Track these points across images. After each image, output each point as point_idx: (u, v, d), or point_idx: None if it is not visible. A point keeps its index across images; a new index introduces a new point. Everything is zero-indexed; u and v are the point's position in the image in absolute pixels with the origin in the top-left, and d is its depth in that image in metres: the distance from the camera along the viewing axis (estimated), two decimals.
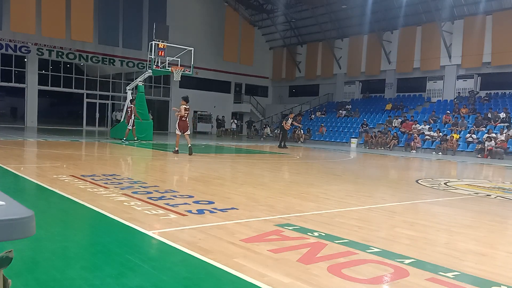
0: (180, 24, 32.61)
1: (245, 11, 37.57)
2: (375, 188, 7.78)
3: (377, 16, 29.84)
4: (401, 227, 4.42)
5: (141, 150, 14.41)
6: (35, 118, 29.20)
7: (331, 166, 12.37)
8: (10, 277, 1.53)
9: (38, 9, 27.18)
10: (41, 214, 4.20)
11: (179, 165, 10.39)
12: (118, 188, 5.93)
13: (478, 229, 4.63)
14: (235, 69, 37.76)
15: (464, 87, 27.18)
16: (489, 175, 11.94)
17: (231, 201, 5.37)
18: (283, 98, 39.87)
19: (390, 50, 30.48)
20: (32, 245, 3.18)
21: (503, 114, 22.46)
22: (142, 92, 19.69)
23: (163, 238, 3.58)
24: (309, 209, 5.20)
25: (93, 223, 4.26)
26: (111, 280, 2.58)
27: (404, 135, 24.41)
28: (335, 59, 34.08)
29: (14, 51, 27.87)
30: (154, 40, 19.23)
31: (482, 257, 3.48)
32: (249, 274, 2.77)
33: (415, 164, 14.61)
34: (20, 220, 1.06)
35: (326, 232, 3.98)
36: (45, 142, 15.01)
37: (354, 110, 30.76)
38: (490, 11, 25.55)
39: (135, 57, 31.86)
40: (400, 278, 2.85)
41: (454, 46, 27.06)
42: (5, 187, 5.71)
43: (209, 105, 36.00)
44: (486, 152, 19.74)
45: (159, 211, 4.57)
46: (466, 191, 7.65)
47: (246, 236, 3.70)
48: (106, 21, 30.45)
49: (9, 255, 1.33)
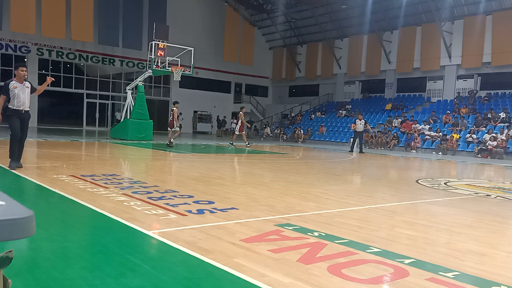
0: (180, 24, 32.62)
1: (245, 11, 37.58)
2: (375, 188, 7.78)
3: (377, 16, 29.85)
4: (401, 227, 4.42)
5: (141, 150, 14.41)
6: (35, 118, 29.15)
7: (331, 166, 12.37)
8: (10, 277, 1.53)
9: (38, 9, 27.19)
10: (41, 214, 4.20)
11: (179, 165, 10.39)
12: (118, 188, 5.93)
13: (478, 229, 4.62)
14: (235, 69, 37.77)
15: (464, 87, 27.19)
16: (489, 175, 11.94)
17: (231, 201, 5.37)
18: (283, 98, 39.87)
19: (390, 50, 30.48)
20: (32, 245, 3.18)
21: (503, 114, 22.46)
22: (142, 92, 19.69)
23: (163, 238, 3.57)
24: (309, 209, 5.20)
25: (93, 223, 4.26)
26: (111, 280, 2.58)
27: (404, 135, 24.42)
28: (335, 59, 34.09)
29: (14, 51, 27.88)
30: (154, 40, 19.24)
31: (482, 257, 3.48)
32: (249, 274, 2.77)
33: (415, 164, 14.61)
34: (20, 220, 1.06)
35: (326, 232, 3.98)
36: (45, 142, 15.01)
37: (354, 110, 30.75)
38: (490, 11, 25.56)
39: (135, 57, 31.87)
40: (400, 278, 2.85)
41: (454, 46, 27.06)
42: (5, 187, 5.71)
43: (209, 105, 36.01)
44: (487, 151, 19.74)
45: (159, 211, 4.57)
46: (466, 191, 7.65)
47: (246, 236, 3.70)
48: (106, 21, 30.45)
49: (9, 255, 1.33)
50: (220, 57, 36.36)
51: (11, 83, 7.31)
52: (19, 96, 7.30)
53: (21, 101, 7.34)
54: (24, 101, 7.39)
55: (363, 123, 19.03)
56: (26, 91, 7.43)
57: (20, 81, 7.37)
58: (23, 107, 7.39)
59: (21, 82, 7.37)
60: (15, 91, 7.26)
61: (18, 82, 7.35)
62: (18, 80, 7.36)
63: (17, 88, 7.27)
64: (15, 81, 7.35)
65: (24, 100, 7.38)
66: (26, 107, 7.45)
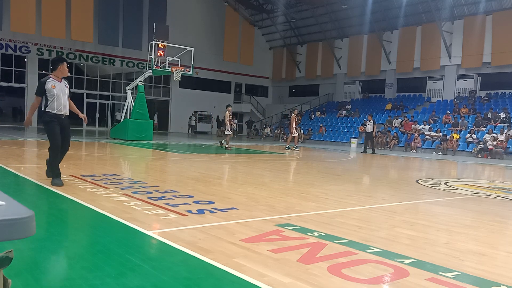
0: (180, 24, 32.62)
1: (245, 11, 37.58)
2: (375, 188, 7.78)
3: (377, 16, 29.85)
4: (401, 227, 4.42)
5: (141, 150, 14.41)
6: (35, 118, 29.17)
7: (331, 166, 12.37)
8: (10, 277, 1.53)
9: (38, 9, 27.19)
10: (41, 214, 4.20)
11: (179, 165, 10.39)
12: (118, 188, 5.93)
13: (478, 229, 4.62)
14: (235, 69, 37.77)
15: (464, 87, 27.19)
16: (489, 175, 11.94)
17: (231, 201, 5.37)
18: (283, 98, 39.87)
19: (390, 50, 30.48)
20: (32, 245, 3.18)
21: (503, 114, 22.46)
22: (142, 92, 19.70)
23: (163, 238, 3.58)
24: (309, 209, 5.20)
25: (93, 223, 4.26)
26: (111, 280, 2.58)
27: (404, 135, 24.42)
28: (335, 59, 34.09)
29: (14, 51, 27.88)
30: (154, 40, 19.24)
31: (482, 257, 3.48)
32: (249, 274, 2.77)
33: (415, 164, 14.61)
34: (20, 220, 1.06)
35: (326, 232, 3.98)
36: (45, 142, 14.99)
37: (354, 110, 30.76)
38: (490, 11, 25.56)
39: (135, 57, 31.88)
40: (400, 278, 2.85)
41: (454, 46, 27.06)
42: (5, 187, 5.71)
43: (209, 105, 36.01)
44: (487, 151, 19.75)
45: (159, 211, 4.57)
46: (466, 191, 7.65)
47: (246, 236, 3.70)
48: (106, 21, 30.46)
49: (9, 255, 1.33)
50: (220, 57, 36.36)
51: (48, 81, 5.91)
52: (59, 98, 5.94)
53: (62, 104, 5.98)
54: (65, 104, 6.05)
55: (372, 124, 19.04)
56: (66, 92, 6.09)
57: (59, 79, 6.02)
58: (64, 111, 6.03)
59: (59, 81, 6.02)
60: (54, 91, 5.88)
61: (56, 81, 5.98)
62: (57, 78, 6.01)
63: (56, 87, 5.90)
64: (53, 79, 5.96)
65: (65, 103, 6.04)
66: (67, 111, 6.10)
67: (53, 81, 5.93)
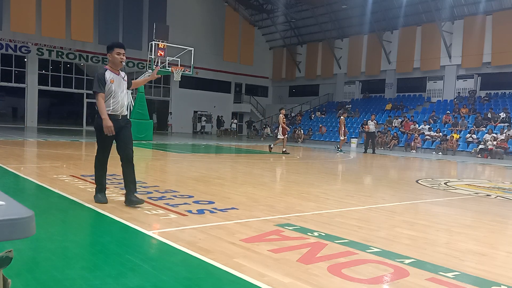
0: (180, 24, 32.63)
1: (245, 11, 37.58)
2: (375, 188, 7.78)
3: (377, 16, 29.85)
4: (401, 227, 4.42)
5: (141, 150, 14.41)
6: (35, 118, 29.21)
7: (331, 166, 12.37)
8: (10, 277, 1.53)
9: (38, 9, 27.20)
10: (41, 214, 4.20)
11: (179, 165, 10.39)
12: (118, 188, 5.93)
13: (478, 229, 4.62)
14: (235, 69, 37.77)
15: (464, 87, 27.19)
16: (489, 175, 11.94)
17: (231, 201, 5.37)
18: (283, 98, 39.87)
19: (390, 50, 30.48)
20: (32, 245, 3.18)
21: (503, 114, 22.45)
22: (142, 92, 19.71)
23: (163, 238, 3.58)
24: (309, 209, 5.20)
25: (93, 223, 4.26)
26: (111, 280, 2.58)
27: (404, 135, 24.41)
28: (335, 59, 34.09)
29: (14, 51, 27.88)
30: (154, 40, 19.25)
31: (482, 257, 3.48)
32: (249, 274, 2.77)
33: (415, 164, 14.61)
34: (20, 220, 1.06)
35: (326, 232, 3.98)
36: (45, 142, 15.01)
37: (354, 110, 30.75)
38: (490, 11, 25.56)
39: (135, 57, 31.85)
40: (400, 278, 2.85)
41: (454, 46, 27.06)
42: (5, 187, 5.70)
43: (209, 105, 36.02)
44: (487, 151, 19.74)
45: (159, 211, 4.57)
46: (466, 191, 7.65)
47: (246, 236, 3.70)
48: (106, 21, 30.46)
49: (9, 255, 1.33)
50: (220, 57, 36.36)
51: (107, 74, 4.72)
52: (116, 94, 4.78)
53: (119, 102, 4.83)
54: (123, 102, 4.88)
55: (374, 124, 19.07)
56: (123, 86, 4.88)
57: (116, 71, 4.82)
58: (121, 110, 4.88)
59: (117, 73, 4.82)
60: (112, 87, 4.74)
61: (114, 73, 4.79)
62: (114, 70, 4.81)
63: (114, 82, 4.74)
64: (110, 71, 4.77)
65: (122, 101, 4.87)
66: (124, 110, 4.93)
67: (111, 74, 4.76)
